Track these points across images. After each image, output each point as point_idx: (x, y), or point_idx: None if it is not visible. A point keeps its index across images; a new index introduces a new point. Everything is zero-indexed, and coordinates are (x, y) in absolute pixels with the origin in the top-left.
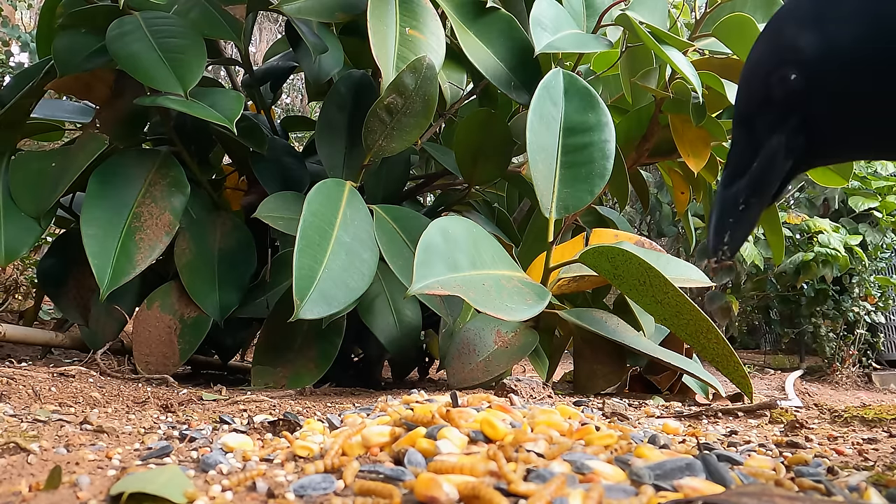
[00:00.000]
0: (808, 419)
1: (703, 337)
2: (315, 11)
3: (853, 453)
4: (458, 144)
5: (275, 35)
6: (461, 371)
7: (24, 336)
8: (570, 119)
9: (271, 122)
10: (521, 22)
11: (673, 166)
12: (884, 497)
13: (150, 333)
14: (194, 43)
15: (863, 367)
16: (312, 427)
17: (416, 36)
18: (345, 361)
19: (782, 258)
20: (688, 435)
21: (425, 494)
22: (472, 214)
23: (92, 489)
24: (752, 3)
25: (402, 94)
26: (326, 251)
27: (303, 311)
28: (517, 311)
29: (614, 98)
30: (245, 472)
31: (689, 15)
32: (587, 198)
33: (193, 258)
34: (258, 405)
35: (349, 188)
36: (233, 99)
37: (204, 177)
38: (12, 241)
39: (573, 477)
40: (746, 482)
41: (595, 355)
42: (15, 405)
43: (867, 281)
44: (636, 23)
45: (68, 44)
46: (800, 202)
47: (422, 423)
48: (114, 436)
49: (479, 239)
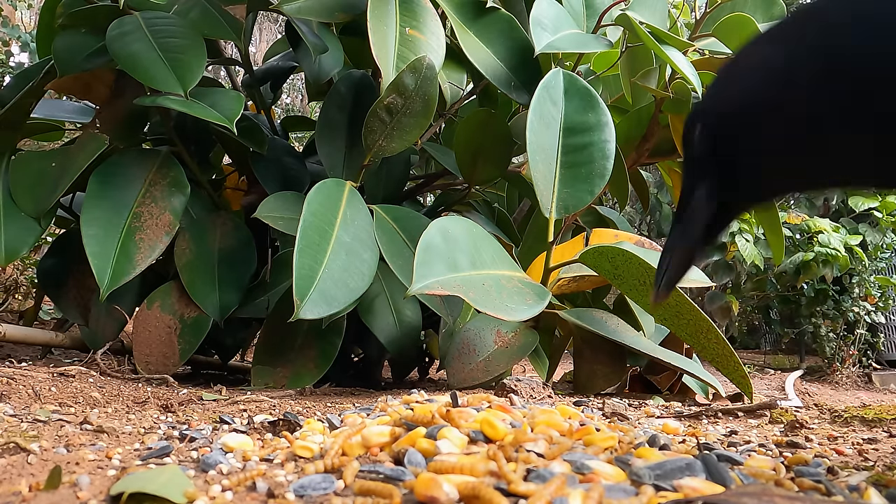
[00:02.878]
0: (808, 419)
1: (703, 337)
2: (315, 11)
3: (853, 453)
4: (458, 144)
5: (275, 35)
6: (461, 371)
7: (24, 336)
8: (570, 119)
9: (271, 122)
10: (521, 22)
11: (673, 166)
12: (884, 497)
13: (150, 333)
14: (194, 43)
15: (863, 367)
16: (312, 427)
17: (416, 36)
18: (345, 361)
19: (782, 258)
20: (688, 435)
21: (425, 494)
22: (472, 214)
23: (92, 489)
24: (752, 3)
25: (402, 94)
26: (326, 251)
27: (303, 311)
28: (517, 311)
29: (614, 98)
30: (245, 472)
31: (689, 15)
32: (587, 198)
33: (193, 258)
34: (258, 405)
35: (349, 188)
36: (233, 99)
37: (204, 177)
38: (12, 241)
39: (573, 477)
40: (746, 482)
41: (595, 355)
42: (15, 405)
43: (867, 281)
44: (636, 23)
45: (68, 44)
46: (800, 202)
47: (422, 423)
48: (114, 436)
49: (479, 239)
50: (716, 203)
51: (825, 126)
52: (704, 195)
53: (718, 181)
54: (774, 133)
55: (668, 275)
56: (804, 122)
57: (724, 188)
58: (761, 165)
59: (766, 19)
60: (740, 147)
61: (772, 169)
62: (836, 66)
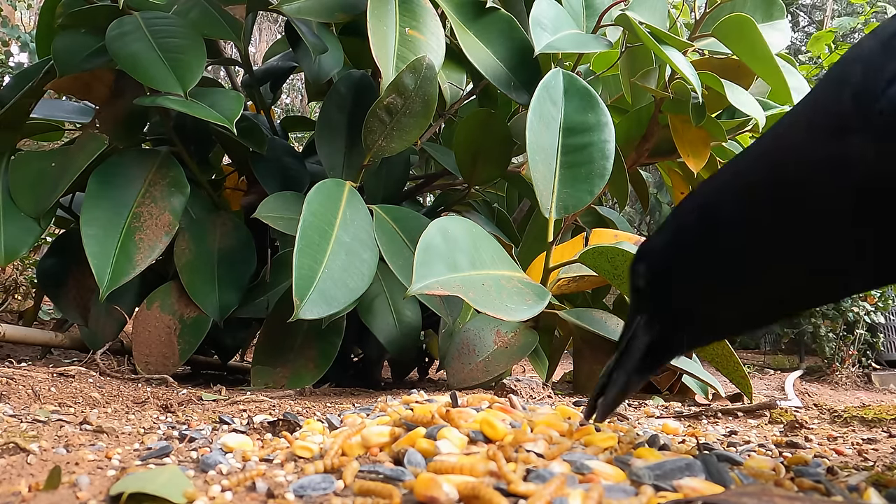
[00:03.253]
0: (807, 419)
1: None
2: (315, 11)
3: (853, 453)
4: (458, 144)
5: (275, 35)
6: (461, 371)
7: (23, 336)
8: (570, 119)
9: (271, 122)
10: (521, 22)
11: (673, 166)
12: (883, 497)
13: (150, 333)
14: (194, 43)
15: (862, 368)
16: (312, 427)
17: (416, 36)
18: (345, 361)
19: None
20: (688, 435)
21: (425, 494)
22: (472, 214)
23: (92, 489)
24: (752, 3)
25: (401, 94)
26: (326, 251)
27: (303, 311)
28: (517, 311)
29: (614, 98)
30: (245, 472)
31: (689, 15)
32: (587, 198)
33: (193, 258)
34: (258, 405)
35: (349, 188)
36: (233, 99)
37: (204, 177)
38: (12, 241)
39: (573, 477)
40: (746, 482)
41: (595, 355)
42: (15, 405)
43: None
44: (636, 23)
45: (68, 44)
46: None
47: (422, 423)
48: (113, 436)
49: (478, 239)
50: (649, 338)
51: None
52: (641, 328)
53: (654, 316)
54: (704, 267)
55: (605, 402)
56: (736, 256)
57: (659, 322)
58: (692, 303)
59: (766, 19)
60: (672, 283)
61: (702, 304)
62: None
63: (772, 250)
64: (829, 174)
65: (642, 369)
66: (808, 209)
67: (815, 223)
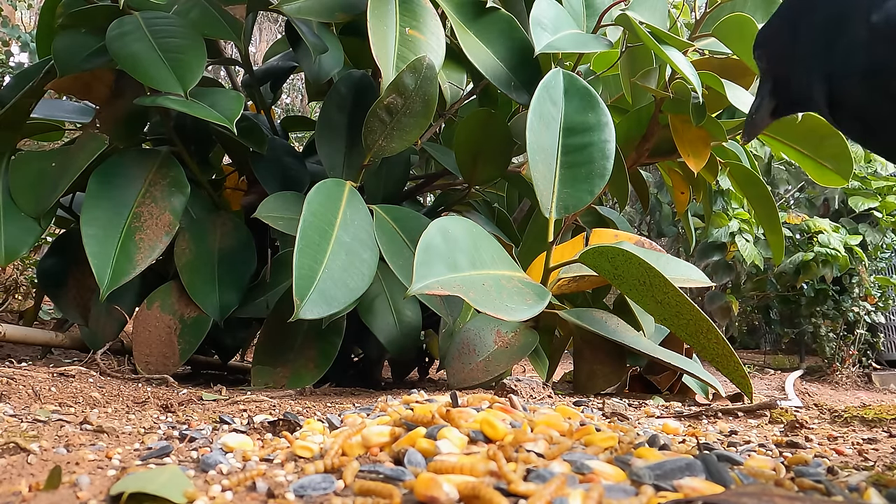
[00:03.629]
0: (807, 419)
1: (703, 337)
2: (315, 11)
3: (853, 453)
4: (458, 144)
5: (275, 35)
6: (461, 371)
7: (24, 336)
8: (570, 119)
9: (271, 122)
10: (521, 22)
11: (673, 166)
12: (884, 497)
13: (150, 333)
14: (194, 43)
15: (863, 367)
16: (312, 427)
17: (416, 36)
18: (345, 361)
19: (782, 258)
20: (688, 435)
21: (425, 494)
22: (472, 214)
23: (92, 489)
24: (752, 3)
25: (402, 94)
26: (326, 251)
27: (303, 311)
28: (517, 311)
29: (614, 98)
30: (245, 472)
31: (689, 15)
32: (587, 198)
33: (193, 258)
34: (258, 405)
35: (349, 188)
36: (233, 99)
37: (204, 177)
38: (12, 241)
39: (573, 477)
40: (746, 482)
41: (595, 355)
42: (15, 405)
43: (867, 281)
44: (636, 23)
45: (68, 44)
46: (800, 202)
47: (422, 423)
48: (114, 436)
49: (479, 239)
50: (771, 104)
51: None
52: (767, 95)
53: (775, 91)
54: (802, 43)
55: (749, 127)
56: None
57: (779, 94)
58: (795, 72)
59: (766, 19)
60: (777, 60)
61: (809, 87)
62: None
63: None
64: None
65: (773, 115)
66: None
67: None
